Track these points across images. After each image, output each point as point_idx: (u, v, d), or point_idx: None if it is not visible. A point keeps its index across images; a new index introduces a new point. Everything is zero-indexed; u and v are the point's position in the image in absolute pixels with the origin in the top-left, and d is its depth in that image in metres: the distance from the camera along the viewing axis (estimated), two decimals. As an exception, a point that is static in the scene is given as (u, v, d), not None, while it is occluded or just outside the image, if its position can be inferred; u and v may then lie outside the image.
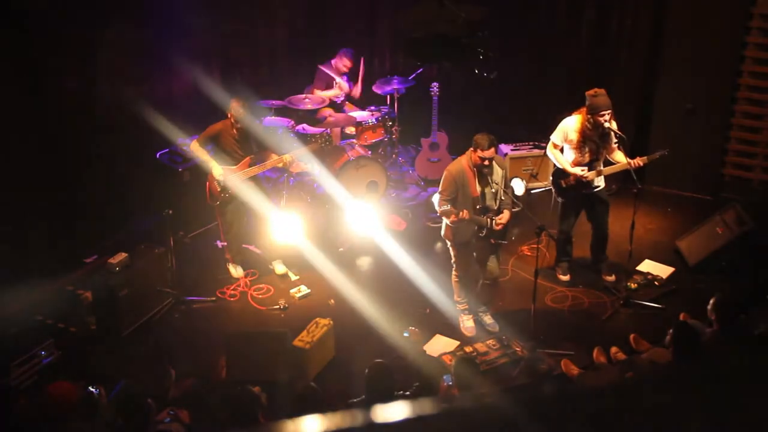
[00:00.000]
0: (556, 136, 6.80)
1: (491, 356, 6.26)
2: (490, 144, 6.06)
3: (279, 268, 7.42)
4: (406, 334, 6.49)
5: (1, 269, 6.28)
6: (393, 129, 9.14)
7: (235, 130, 6.86)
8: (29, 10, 7.08)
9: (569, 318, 6.85)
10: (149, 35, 8.00)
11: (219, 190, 6.97)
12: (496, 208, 6.23)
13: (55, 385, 5.09)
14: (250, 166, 6.96)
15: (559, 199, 7.02)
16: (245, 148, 6.95)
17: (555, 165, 6.91)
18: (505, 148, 8.91)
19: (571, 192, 6.89)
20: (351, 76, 9.12)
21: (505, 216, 6.22)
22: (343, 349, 6.40)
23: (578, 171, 6.74)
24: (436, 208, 6.39)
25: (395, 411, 1.54)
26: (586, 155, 6.71)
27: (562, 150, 6.84)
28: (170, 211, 7.01)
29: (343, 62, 8.91)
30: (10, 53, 6.93)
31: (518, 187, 7.89)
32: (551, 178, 7.08)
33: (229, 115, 6.86)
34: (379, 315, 6.65)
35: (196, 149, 6.93)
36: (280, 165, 7.13)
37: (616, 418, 1.62)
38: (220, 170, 6.86)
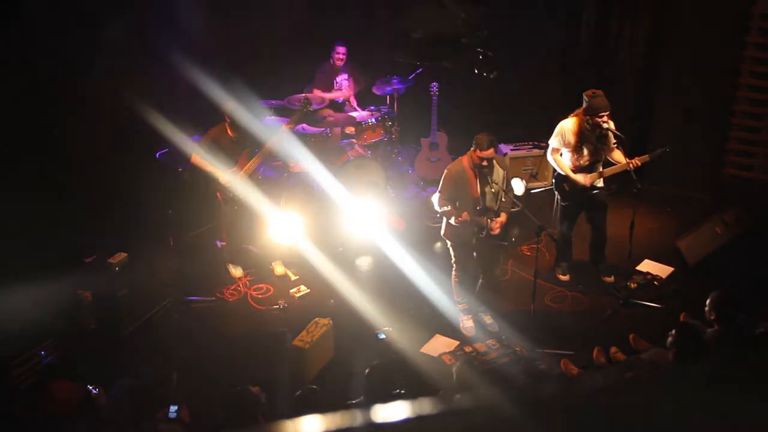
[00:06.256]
0: (555, 140, 6.77)
1: (491, 356, 6.26)
2: (490, 144, 6.06)
3: (278, 269, 7.43)
4: (382, 336, 6.49)
5: (1, 269, 6.28)
6: (393, 129, 9.14)
7: (230, 132, 6.90)
8: (28, 9, 7.08)
9: (569, 318, 6.85)
10: (149, 35, 8.00)
11: (230, 196, 7.00)
12: (496, 209, 6.23)
13: (55, 385, 5.09)
14: (247, 160, 6.99)
15: (563, 203, 7.01)
16: (243, 146, 6.99)
17: (556, 169, 6.91)
18: (505, 148, 8.91)
19: (574, 195, 6.88)
20: (349, 74, 9.14)
21: (501, 219, 6.22)
22: (342, 349, 6.40)
23: (580, 178, 6.72)
24: (435, 207, 6.39)
25: (395, 411, 1.54)
26: (585, 157, 6.71)
27: (561, 154, 6.83)
28: (170, 211, 7.01)
29: (337, 55, 8.93)
30: (9, 53, 6.93)
31: (518, 187, 7.89)
32: (553, 181, 7.07)
33: (225, 118, 6.90)
34: (379, 315, 6.65)
35: (198, 162, 6.96)
36: (273, 149, 7.16)
37: (615, 418, 1.62)
38: (226, 177, 6.89)
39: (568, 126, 6.67)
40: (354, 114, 9.03)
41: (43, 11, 7.15)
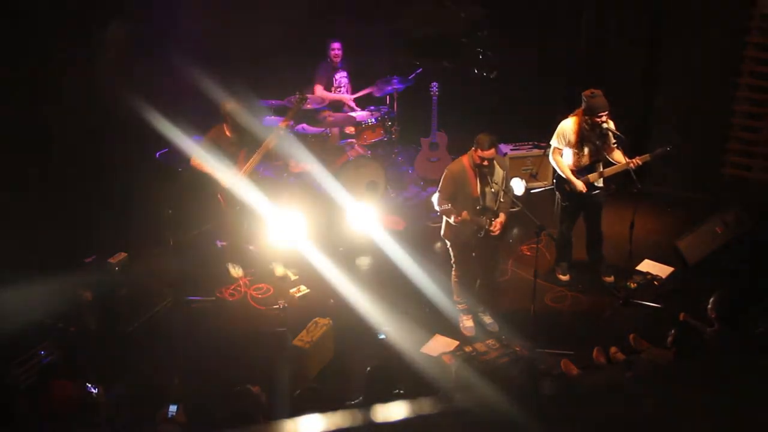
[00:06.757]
0: (555, 141, 6.76)
1: (491, 356, 6.25)
2: (491, 144, 6.06)
3: (279, 269, 7.42)
4: (382, 336, 6.50)
5: (1, 269, 6.28)
6: (393, 129, 9.13)
7: (229, 132, 6.91)
8: (29, 9, 7.08)
9: (569, 318, 6.85)
10: (149, 35, 8.01)
11: (232, 196, 7.01)
12: (495, 208, 6.23)
13: (55, 384, 5.09)
14: (246, 159, 6.99)
15: (564, 203, 7.01)
16: (242, 146, 7.00)
17: (556, 170, 6.90)
18: (505, 148, 8.91)
19: (576, 195, 6.87)
20: (348, 71, 9.15)
21: (501, 219, 6.22)
22: (342, 348, 6.40)
23: (579, 185, 6.71)
24: (436, 207, 6.39)
25: (395, 411, 1.54)
26: (586, 157, 6.71)
27: (563, 155, 6.82)
28: (170, 211, 7.01)
29: (333, 52, 8.95)
30: (10, 53, 6.93)
31: (518, 187, 7.88)
32: (554, 181, 7.06)
33: (224, 119, 6.91)
34: (379, 315, 6.65)
35: (198, 164, 6.98)
36: (271, 147, 7.16)
37: (615, 417, 1.62)
38: (226, 178, 6.91)
39: (568, 126, 6.68)
40: (354, 114, 9.03)
41: (43, 11, 7.15)
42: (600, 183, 6.89)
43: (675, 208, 8.52)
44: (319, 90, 8.97)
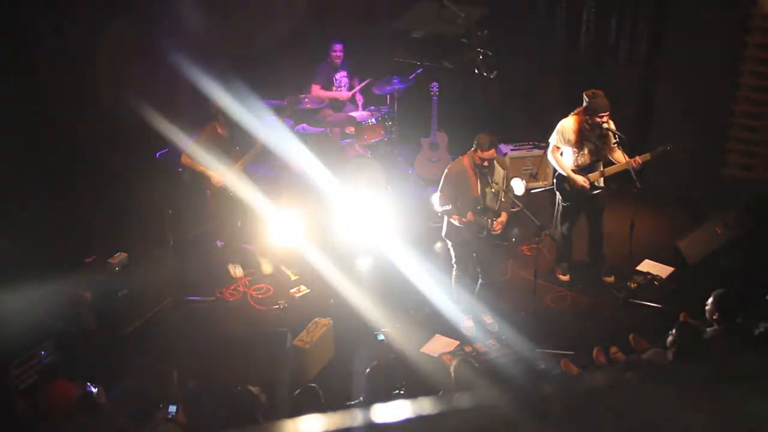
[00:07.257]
0: (554, 138, 6.77)
1: (491, 356, 6.26)
2: (491, 145, 6.06)
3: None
4: (381, 338, 6.49)
5: (1, 269, 6.27)
6: (393, 129, 9.13)
7: (221, 130, 6.93)
8: (29, 9, 7.08)
9: (569, 318, 6.85)
10: (149, 35, 8.00)
11: (221, 192, 7.00)
12: (496, 208, 6.24)
13: (55, 384, 5.09)
14: (239, 157, 6.99)
15: (565, 204, 7.01)
16: (236, 143, 7.00)
17: (556, 169, 6.90)
18: (505, 148, 8.91)
19: (576, 195, 6.87)
20: (348, 71, 9.15)
21: (502, 219, 6.22)
22: (342, 348, 6.40)
23: (580, 180, 6.72)
24: (435, 207, 6.39)
25: (395, 411, 1.54)
26: (586, 156, 6.71)
27: (562, 153, 6.82)
28: (170, 211, 7.01)
29: (335, 53, 8.95)
30: (9, 53, 6.93)
31: (518, 187, 7.88)
32: (554, 181, 7.06)
33: (215, 116, 6.92)
34: (379, 315, 6.65)
35: (188, 162, 6.99)
36: (265, 144, 7.15)
37: (615, 417, 1.62)
38: (218, 177, 6.91)
39: (568, 124, 6.68)
40: (354, 114, 9.03)
41: (43, 10, 7.15)
42: (600, 183, 6.89)
43: (675, 208, 8.52)
44: (315, 89, 8.97)
